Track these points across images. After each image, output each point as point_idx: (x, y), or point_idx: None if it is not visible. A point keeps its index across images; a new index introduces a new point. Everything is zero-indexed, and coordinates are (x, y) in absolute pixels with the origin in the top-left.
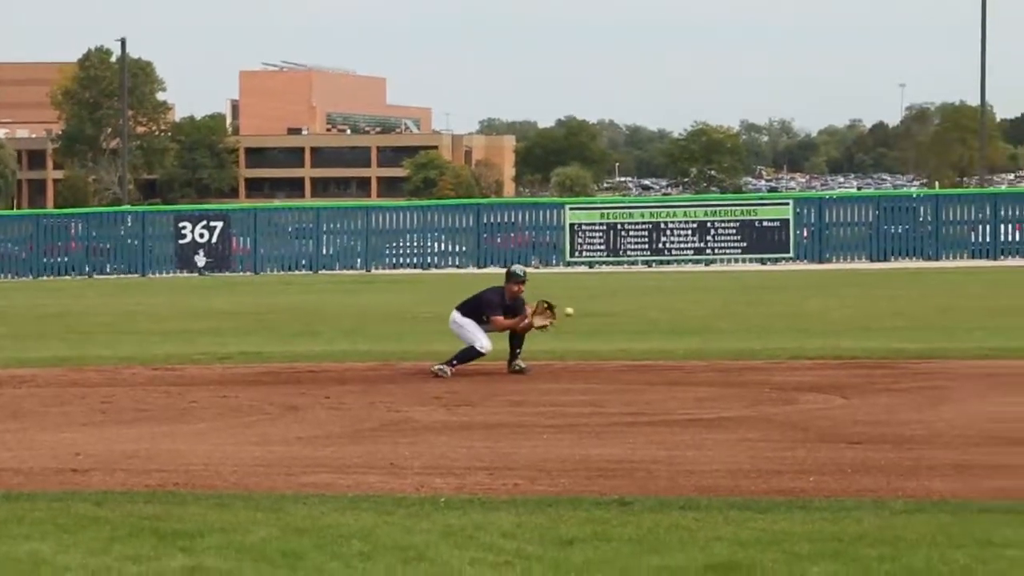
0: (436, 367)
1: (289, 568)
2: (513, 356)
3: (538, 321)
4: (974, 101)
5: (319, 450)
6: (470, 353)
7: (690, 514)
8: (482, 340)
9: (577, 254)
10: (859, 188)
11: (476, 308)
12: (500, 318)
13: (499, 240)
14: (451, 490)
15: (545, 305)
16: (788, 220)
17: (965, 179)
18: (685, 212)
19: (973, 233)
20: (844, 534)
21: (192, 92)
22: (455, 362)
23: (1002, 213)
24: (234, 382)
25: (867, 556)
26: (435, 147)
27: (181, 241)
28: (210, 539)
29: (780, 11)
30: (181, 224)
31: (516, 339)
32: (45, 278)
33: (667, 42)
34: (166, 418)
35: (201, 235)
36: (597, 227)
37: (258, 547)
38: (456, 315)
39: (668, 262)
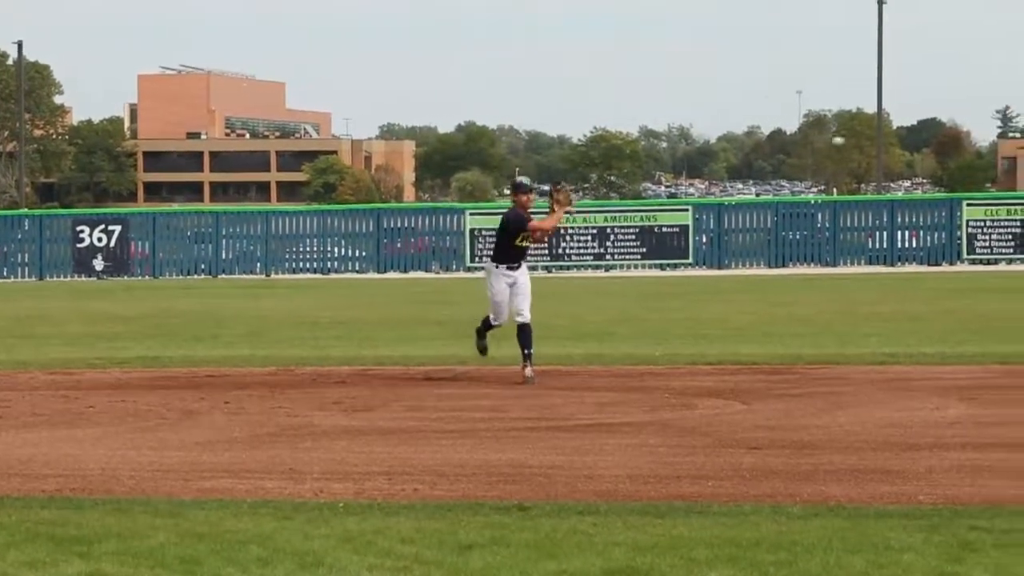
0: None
1: (187, 574)
2: (525, 356)
3: (559, 215)
4: (871, 108)
5: (218, 455)
6: (485, 324)
7: (588, 519)
8: (495, 312)
9: (477, 259)
10: (758, 195)
11: (504, 242)
12: (535, 223)
13: (399, 245)
14: (350, 495)
15: (558, 194)
16: (687, 226)
17: (862, 186)
18: (584, 218)
19: (870, 240)
20: (741, 539)
21: (90, 95)
22: (483, 338)
23: (899, 220)
24: (132, 387)
25: (764, 561)
26: (335, 152)
27: (79, 245)
28: (107, 545)
29: (679, 18)
30: (79, 228)
31: (522, 333)
32: None
33: (566, 48)
34: (63, 423)
35: (99, 239)
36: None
37: (156, 553)
38: (489, 265)
39: (568, 267)
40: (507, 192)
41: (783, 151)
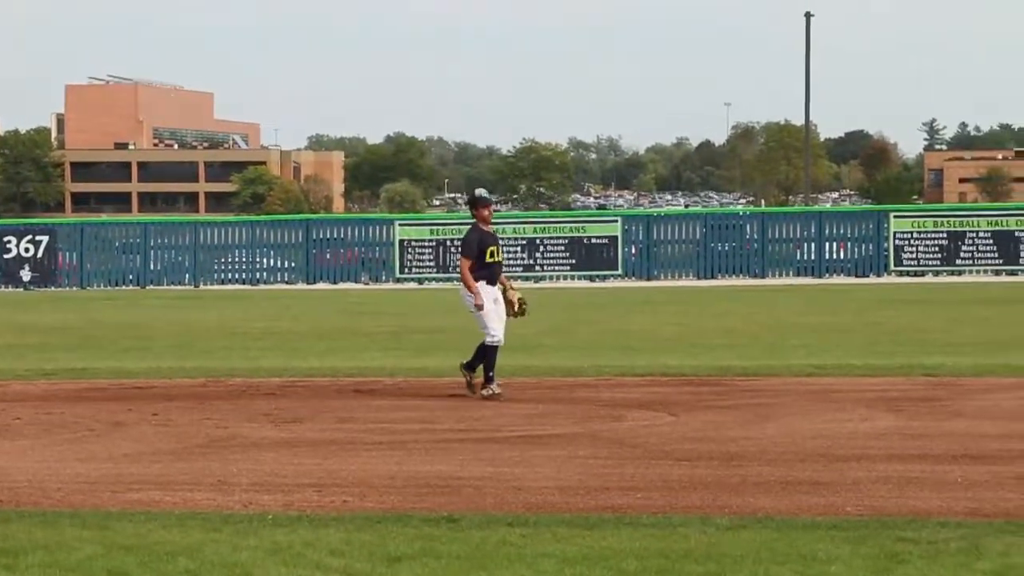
0: (482, 391)
1: None
2: (470, 368)
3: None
4: (799, 120)
5: (146, 467)
6: (484, 352)
7: (518, 530)
8: (490, 327)
9: (407, 270)
10: (687, 206)
11: (478, 261)
12: (468, 262)
13: (329, 256)
14: (279, 507)
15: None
16: (616, 237)
17: (790, 197)
18: (514, 229)
19: (798, 251)
20: (671, 551)
21: (16, 105)
22: (490, 374)
23: (827, 231)
24: (59, 398)
25: (693, 573)
26: (263, 162)
27: (6, 256)
28: (34, 557)
29: (608, 30)
30: (6, 238)
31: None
32: None
33: (494, 59)
34: None
35: (26, 249)
36: (427, 243)
37: (83, 565)
38: (463, 290)
39: None
40: (436, 204)
41: (712, 163)
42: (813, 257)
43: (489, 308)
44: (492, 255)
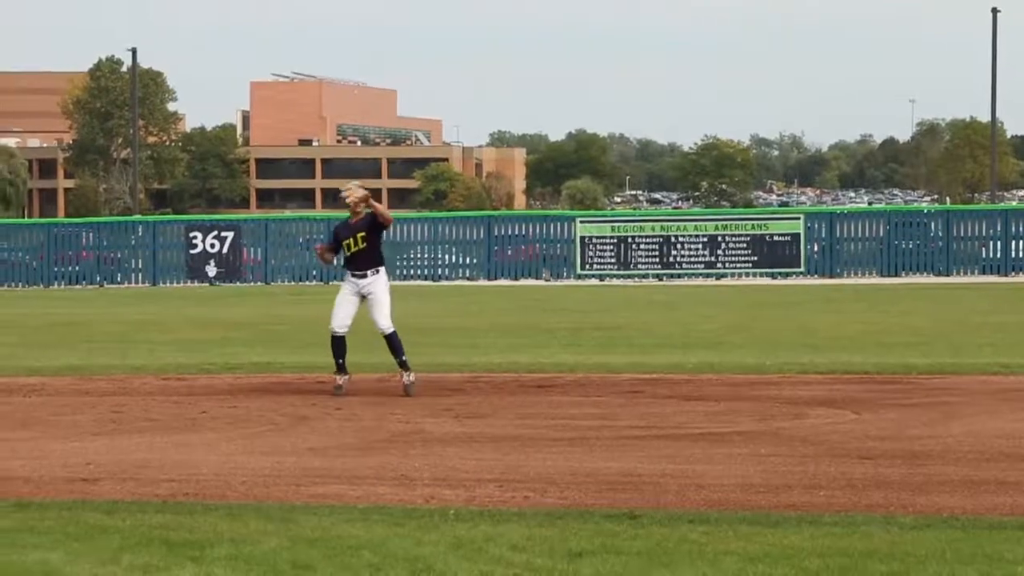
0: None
1: None
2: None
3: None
4: (985, 117)
5: (330, 461)
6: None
7: (699, 528)
8: (332, 322)
9: (588, 267)
10: (870, 203)
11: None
12: (324, 248)
13: (510, 252)
14: (461, 502)
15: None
16: (799, 235)
17: (976, 195)
18: (696, 226)
19: (984, 249)
20: (853, 549)
21: (203, 102)
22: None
23: (1013, 229)
24: (244, 392)
25: (876, 572)
26: (446, 159)
27: (192, 251)
28: (220, 549)
29: (791, 26)
30: (192, 234)
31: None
32: (56, 287)
33: (678, 56)
34: (176, 428)
35: (212, 245)
36: (608, 240)
37: (268, 558)
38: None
39: (679, 276)
40: (617, 200)
41: (896, 160)
42: (999, 255)
43: (338, 299)
44: (348, 247)
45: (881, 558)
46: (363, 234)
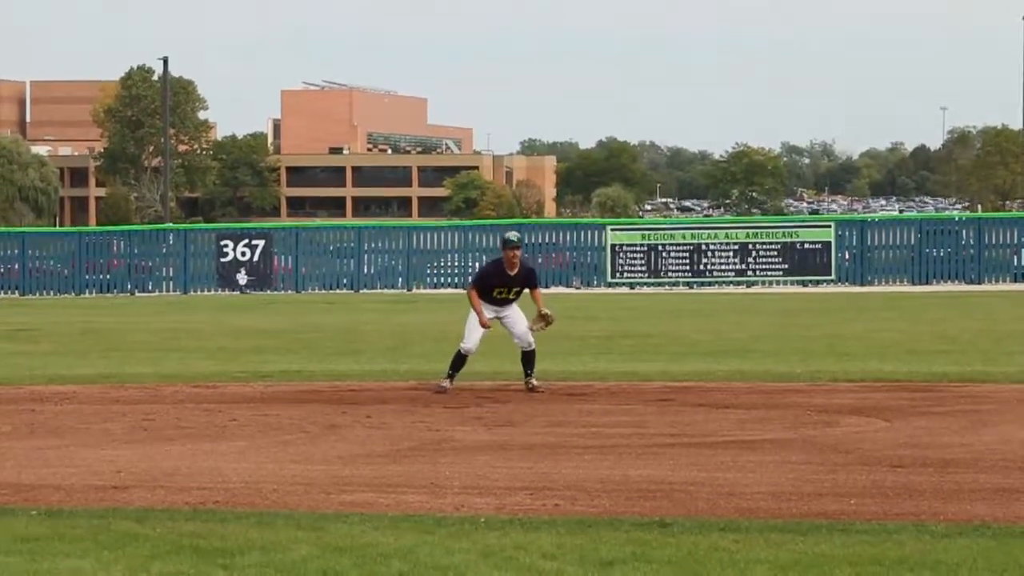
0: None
1: None
2: (527, 375)
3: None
4: (1016, 124)
5: (360, 469)
6: (455, 357)
7: (730, 536)
8: (466, 339)
9: (618, 275)
10: (901, 211)
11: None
12: (474, 291)
13: (540, 260)
14: (491, 510)
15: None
16: (830, 242)
17: (1008, 203)
18: (727, 234)
19: (1016, 257)
20: (885, 558)
21: (234, 111)
22: (449, 371)
23: None
24: (275, 400)
25: None
26: (476, 167)
27: (223, 259)
28: (250, 557)
29: (823, 34)
30: (223, 242)
31: (527, 357)
32: (87, 295)
33: (708, 63)
34: (207, 436)
35: (243, 253)
36: (638, 248)
37: (298, 565)
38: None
39: (709, 283)
40: (648, 208)
41: (927, 168)
42: None
43: (468, 324)
44: (499, 292)
45: (912, 566)
46: (518, 289)
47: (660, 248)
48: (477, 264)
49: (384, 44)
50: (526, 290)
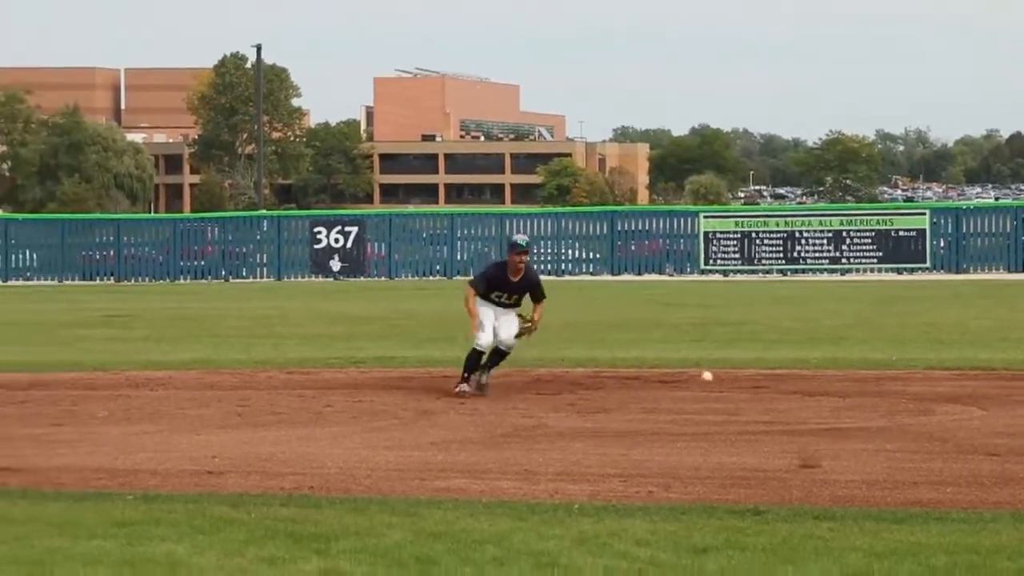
0: (456, 387)
1: (423, 572)
2: (488, 369)
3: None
4: None
5: (453, 455)
6: (470, 356)
7: (825, 524)
8: (479, 338)
9: (711, 262)
10: (996, 199)
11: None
12: (472, 292)
13: (633, 247)
14: (585, 496)
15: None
16: (925, 230)
17: None
18: (820, 221)
19: None
20: (981, 547)
21: (327, 98)
22: (465, 373)
23: None
24: (368, 386)
25: (1005, 569)
26: (569, 154)
27: (316, 246)
28: (345, 542)
29: (916, 22)
30: (316, 229)
31: (499, 356)
32: (182, 281)
33: (802, 52)
34: (301, 421)
35: (336, 240)
36: (732, 235)
37: (392, 551)
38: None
39: (803, 271)
40: (741, 196)
41: (1022, 155)
42: None
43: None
44: (498, 297)
45: (1009, 555)
46: (517, 296)
47: (753, 235)
48: (571, 251)
49: (477, 31)
50: (527, 296)
